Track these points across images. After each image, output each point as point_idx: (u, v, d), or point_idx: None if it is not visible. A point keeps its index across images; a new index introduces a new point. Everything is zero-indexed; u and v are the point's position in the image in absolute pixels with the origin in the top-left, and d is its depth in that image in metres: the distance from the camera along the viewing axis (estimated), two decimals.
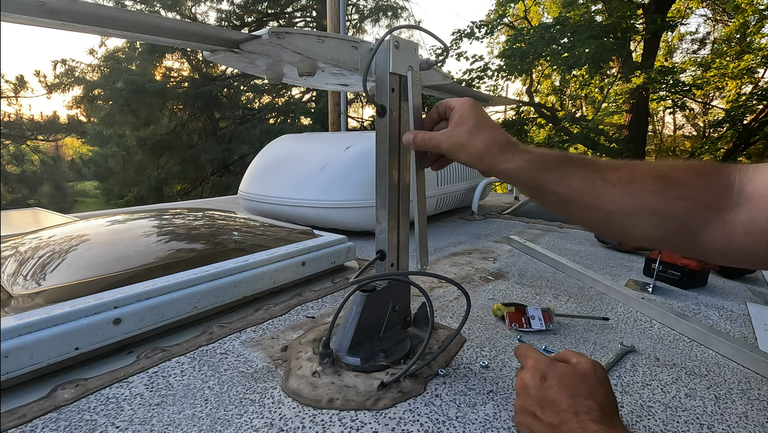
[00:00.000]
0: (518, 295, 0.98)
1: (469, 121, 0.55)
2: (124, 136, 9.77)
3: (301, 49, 0.59)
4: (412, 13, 12.59)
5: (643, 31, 6.91)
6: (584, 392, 0.43)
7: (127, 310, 0.68)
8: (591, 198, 0.48)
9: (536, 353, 0.50)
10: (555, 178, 0.50)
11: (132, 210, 1.45)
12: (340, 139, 1.63)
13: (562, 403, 0.43)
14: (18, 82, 9.20)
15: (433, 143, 0.59)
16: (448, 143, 0.56)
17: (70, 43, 70.62)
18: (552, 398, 0.44)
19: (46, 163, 9.91)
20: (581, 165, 0.50)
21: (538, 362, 0.48)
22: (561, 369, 0.46)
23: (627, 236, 0.50)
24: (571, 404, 0.43)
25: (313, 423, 0.53)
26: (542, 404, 0.44)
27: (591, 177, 0.49)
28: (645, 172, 0.47)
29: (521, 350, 0.52)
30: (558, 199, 0.51)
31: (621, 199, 0.47)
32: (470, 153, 0.55)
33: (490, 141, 0.53)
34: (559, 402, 0.43)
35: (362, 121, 10.57)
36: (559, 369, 0.46)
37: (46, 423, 0.52)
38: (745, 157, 8.05)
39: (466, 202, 2.00)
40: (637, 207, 0.46)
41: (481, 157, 0.54)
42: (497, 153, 0.53)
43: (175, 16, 9.40)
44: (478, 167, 0.55)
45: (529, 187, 0.53)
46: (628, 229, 0.48)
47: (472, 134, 0.54)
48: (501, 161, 0.53)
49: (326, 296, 0.96)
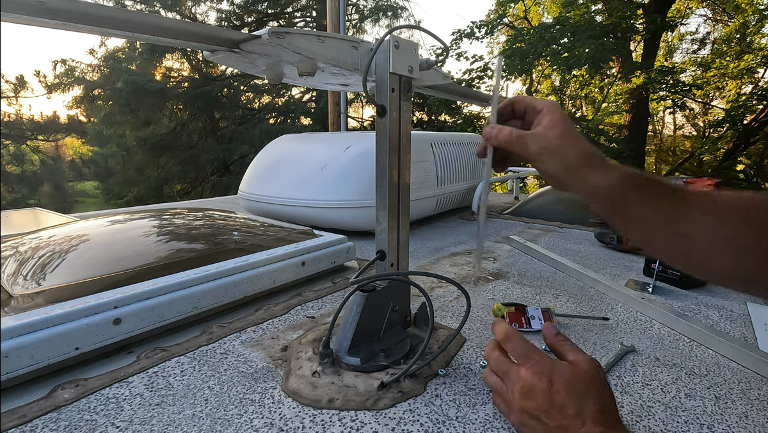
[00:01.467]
0: (518, 295, 0.98)
1: (560, 127, 0.50)
2: (124, 136, 9.77)
3: (301, 49, 0.59)
4: (412, 13, 12.61)
5: (643, 31, 6.91)
6: (591, 397, 0.43)
7: (127, 310, 0.68)
8: (675, 223, 0.45)
9: (538, 354, 0.49)
10: (643, 200, 0.46)
11: (132, 210, 1.45)
12: (340, 139, 1.63)
13: (570, 408, 0.43)
14: (18, 82, 9.20)
15: (520, 143, 0.51)
16: (537, 147, 0.50)
17: (70, 43, 70.66)
18: (560, 404, 0.43)
19: (46, 163, 9.92)
20: (668, 187, 0.46)
21: (543, 365, 0.46)
22: (567, 373, 0.45)
23: (705, 269, 0.47)
24: (579, 410, 0.42)
25: (313, 423, 0.53)
26: (549, 409, 0.44)
27: (676, 200, 0.45)
28: (731, 199, 0.44)
29: (517, 348, 0.50)
30: (642, 221, 0.47)
31: (705, 228, 0.44)
32: (560, 162, 0.49)
33: (583, 153, 0.48)
34: (566, 407, 0.43)
35: (362, 121, 10.57)
36: (566, 373, 0.45)
37: (46, 423, 0.52)
38: (746, 157, 8.06)
39: (466, 203, 2.00)
40: (722, 237, 0.43)
41: (571, 169, 0.49)
42: (589, 167, 0.48)
43: (175, 16, 9.40)
44: (563, 179, 0.50)
45: (614, 208, 0.48)
46: (707, 260, 0.45)
47: (564, 142, 0.49)
48: (592, 177, 0.47)
49: (326, 296, 0.96)
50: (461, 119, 8.20)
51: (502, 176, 2.77)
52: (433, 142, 1.73)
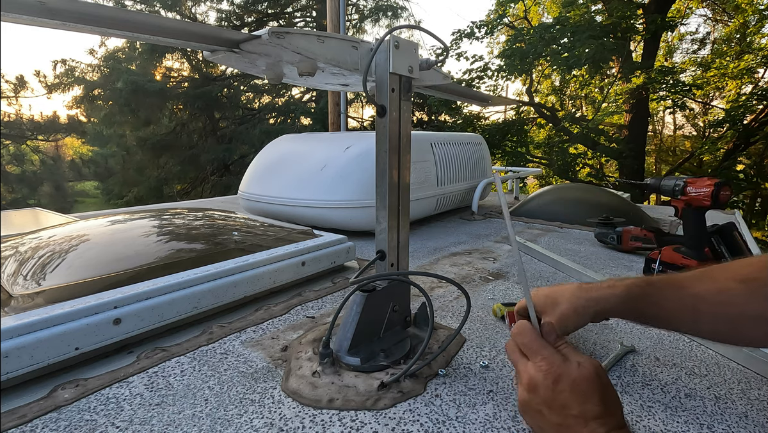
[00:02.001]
0: (518, 295, 0.98)
1: None
2: (124, 136, 9.76)
3: (301, 49, 0.59)
4: (412, 13, 12.61)
5: (643, 31, 6.91)
6: (596, 398, 0.43)
7: (127, 310, 0.68)
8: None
9: (547, 350, 0.48)
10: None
11: (132, 210, 1.45)
12: (340, 139, 1.63)
13: (573, 409, 0.43)
14: (18, 82, 9.20)
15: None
16: None
17: (70, 43, 70.66)
18: (563, 403, 0.43)
19: (46, 163, 9.91)
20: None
21: (551, 364, 0.46)
22: (574, 373, 0.45)
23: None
24: (582, 411, 0.42)
25: (313, 423, 0.53)
26: (551, 406, 0.44)
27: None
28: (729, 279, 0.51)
29: (528, 343, 0.49)
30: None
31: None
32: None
33: None
34: (569, 407, 0.43)
35: (362, 121, 10.56)
36: (572, 373, 0.45)
37: (46, 423, 0.52)
38: (746, 157, 8.05)
39: (466, 202, 2.00)
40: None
41: None
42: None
43: (175, 16, 9.40)
44: None
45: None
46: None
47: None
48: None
49: (326, 296, 0.96)
50: (461, 119, 8.20)
51: (502, 176, 2.77)
52: (433, 142, 1.73)
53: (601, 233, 1.44)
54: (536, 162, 8.40)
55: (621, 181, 4.03)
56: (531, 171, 3.22)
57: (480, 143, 2.13)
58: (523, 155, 7.89)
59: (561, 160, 7.43)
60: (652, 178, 1.08)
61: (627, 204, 1.89)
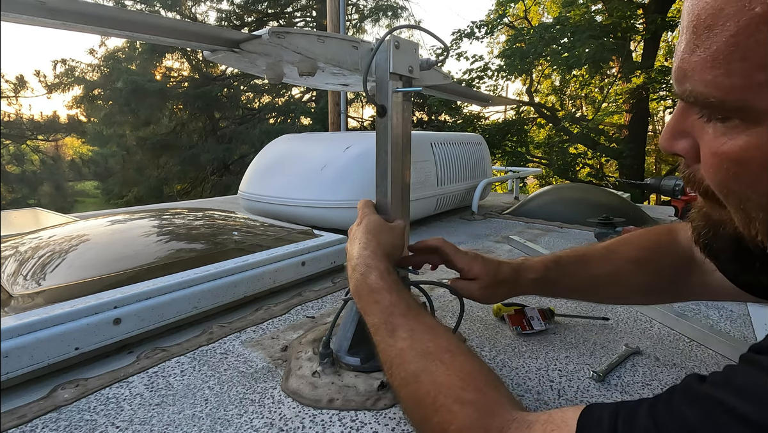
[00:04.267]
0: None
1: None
2: (124, 136, 9.76)
3: (301, 49, 0.59)
4: (412, 13, 12.58)
5: (643, 31, 6.91)
6: (380, 237, 0.58)
7: (127, 310, 0.68)
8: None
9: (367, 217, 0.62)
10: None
11: (132, 210, 1.45)
12: (340, 139, 1.63)
13: (360, 240, 0.58)
14: (18, 82, 9.19)
15: None
16: None
17: (70, 43, 70.72)
18: (354, 236, 0.60)
19: (46, 163, 9.90)
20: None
21: (361, 217, 0.63)
22: (371, 221, 0.60)
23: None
24: (365, 241, 0.57)
25: (313, 423, 0.53)
26: (351, 239, 0.61)
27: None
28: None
29: (360, 211, 0.65)
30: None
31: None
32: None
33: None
34: (357, 239, 0.59)
35: (362, 121, 10.56)
36: (370, 221, 0.60)
37: (46, 423, 0.52)
38: None
39: (466, 202, 2.00)
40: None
41: None
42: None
43: (175, 16, 9.40)
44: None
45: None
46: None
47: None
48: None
49: (326, 296, 0.96)
50: (461, 119, 8.19)
51: (502, 176, 2.77)
52: (433, 142, 1.73)
53: (601, 233, 1.44)
54: (536, 162, 8.41)
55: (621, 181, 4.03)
56: (531, 171, 3.24)
57: (480, 143, 2.13)
58: (523, 155, 7.89)
59: (561, 160, 7.43)
60: (652, 178, 1.08)
61: (627, 204, 1.88)
